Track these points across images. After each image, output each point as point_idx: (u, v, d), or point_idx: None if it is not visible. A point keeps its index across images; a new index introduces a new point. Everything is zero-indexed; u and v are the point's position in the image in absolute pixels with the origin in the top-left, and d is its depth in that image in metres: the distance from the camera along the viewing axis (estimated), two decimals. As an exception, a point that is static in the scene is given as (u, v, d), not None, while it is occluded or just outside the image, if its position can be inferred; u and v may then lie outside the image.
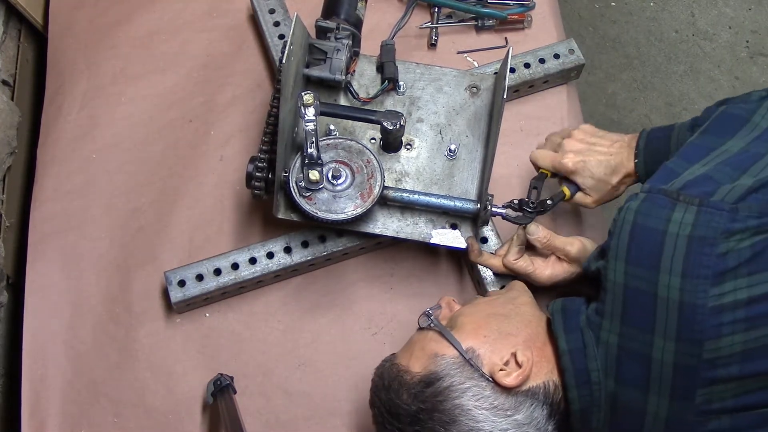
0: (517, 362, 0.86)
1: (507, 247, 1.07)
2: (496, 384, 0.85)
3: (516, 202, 1.05)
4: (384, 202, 1.07)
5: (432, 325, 0.92)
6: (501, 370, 0.86)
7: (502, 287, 1.08)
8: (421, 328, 0.95)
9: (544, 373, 0.88)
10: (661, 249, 0.79)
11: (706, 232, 0.78)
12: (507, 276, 1.08)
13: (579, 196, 1.07)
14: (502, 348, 0.88)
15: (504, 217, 1.05)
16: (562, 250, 1.03)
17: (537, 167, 1.09)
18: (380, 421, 0.91)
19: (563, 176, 1.07)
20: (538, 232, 1.03)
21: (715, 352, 0.76)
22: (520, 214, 1.05)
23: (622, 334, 0.82)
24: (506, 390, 0.85)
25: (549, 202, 1.05)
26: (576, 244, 1.02)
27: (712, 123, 0.94)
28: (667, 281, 0.78)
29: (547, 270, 1.04)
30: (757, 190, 0.81)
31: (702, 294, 0.76)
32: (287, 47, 0.95)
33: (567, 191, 1.06)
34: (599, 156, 1.04)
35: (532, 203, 1.05)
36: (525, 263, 1.04)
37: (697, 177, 0.85)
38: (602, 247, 0.88)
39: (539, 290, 1.03)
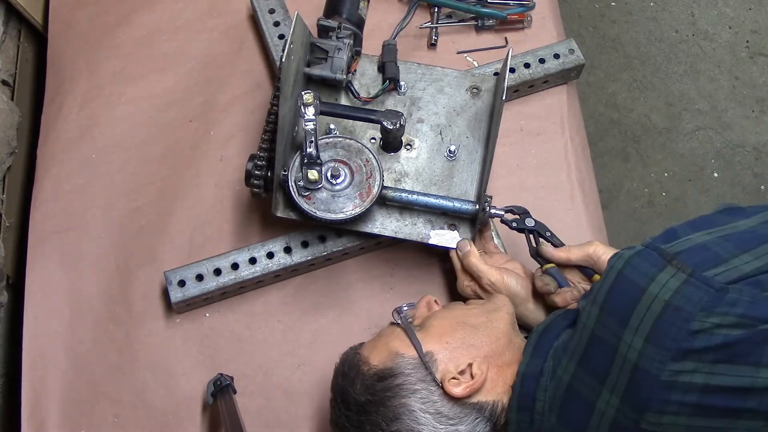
0: (471, 374, 0.87)
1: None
2: (445, 391, 0.86)
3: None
4: (383, 202, 1.06)
5: (400, 322, 0.94)
6: (453, 378, 0.86)
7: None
8: (391, 324, 0.96)
9: (497, 392, 0.88)
10: (634, 306, 0.75)
11: (684, 303, 0.72)
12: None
13: None
14: (460, 357, 0.88)
15: (502, 219, 1.05)
16: (476, 274, 1.02)
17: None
18: (333, 405, 0.93)
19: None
20: (465, 247, 1.03)
21: (654, 426, 0.73)
22: (517, 217, 1.05)
23: (576, 375, 0.80)
24: (453, 399, 0.86)
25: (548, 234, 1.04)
26: (494, 275, 1.00)
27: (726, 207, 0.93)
28: (630, 340, 0.74)
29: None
30: (754, 277, 0.79)
31: (659, 365, 0.72)
32: (287, 45, 0.95)
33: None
34: None
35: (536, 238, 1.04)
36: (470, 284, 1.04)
37: (696, 245, 0.83)
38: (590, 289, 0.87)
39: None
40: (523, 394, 0.85)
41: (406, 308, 0.98)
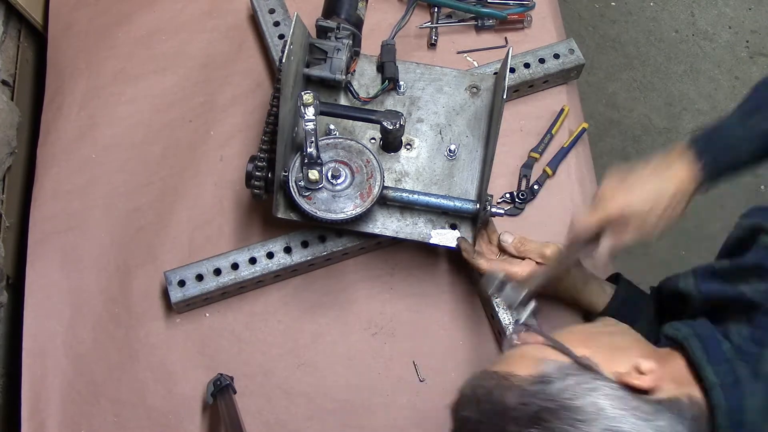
0: (640, 371, 0.74)
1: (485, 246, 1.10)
2: (626, 386, 0.72)
3: (508, 195, 1.15)
4: (383, 202, 1.07)
5: (534, 332, 0.80)
6: (627, 374, 0.73)
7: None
8: (512, 346, 0.83)
9: (671, 390, 0.75)
10: None
11: None
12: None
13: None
14: (619, 359, 0.75)
15: (497, 215, 1.07)
16: (536, 252, 1.05)
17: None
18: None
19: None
20: (510, 238, 1.07)
21: None
22: (511, 206, 1.15)
23: None
24: (640, 394, 0.72)
25: (536, 187, 1.15)
26: (550, 246, 1.05)
27: None
28: None
29: (525, 270, 1.04)
30: None
31: None
32: (287, 46, 0.95)
33: (549, 170, 1.16)
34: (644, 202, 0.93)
35: (522, 194, 1.14)
36: (503, 264, 1.06)
37: None
38: (741, 266, 0.78)
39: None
40: (731, 409, 0.73)
41: (522, 327, 0.84)
